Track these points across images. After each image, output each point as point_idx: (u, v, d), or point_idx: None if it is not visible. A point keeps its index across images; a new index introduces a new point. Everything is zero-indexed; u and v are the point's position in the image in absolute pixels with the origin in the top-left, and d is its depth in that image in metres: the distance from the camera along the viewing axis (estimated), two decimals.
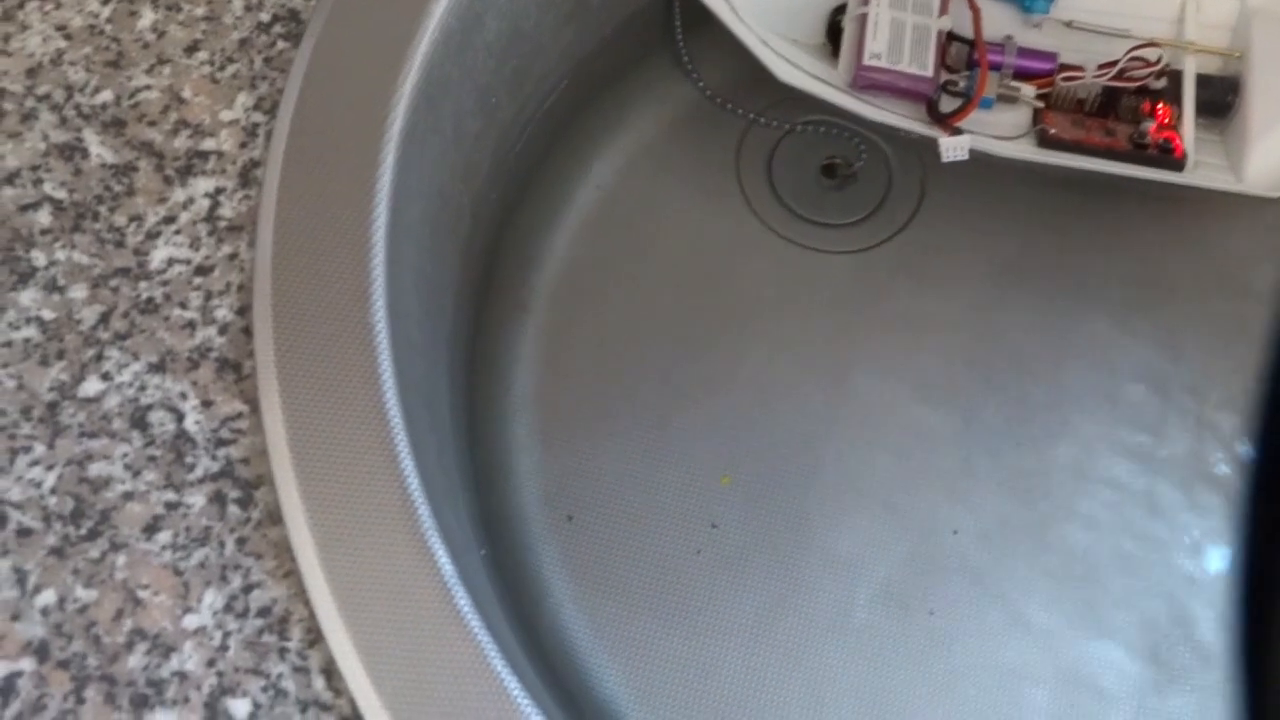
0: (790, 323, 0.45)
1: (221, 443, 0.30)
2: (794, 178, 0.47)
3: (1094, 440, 0.43)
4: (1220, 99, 0.42)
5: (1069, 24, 0.44)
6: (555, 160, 0.46)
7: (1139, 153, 0.42)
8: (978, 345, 0.44)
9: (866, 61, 0.41)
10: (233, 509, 0.29)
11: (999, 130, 0.43)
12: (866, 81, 0.41)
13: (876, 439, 0.43)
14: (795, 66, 0.43)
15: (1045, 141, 0.42)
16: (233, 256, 0.32)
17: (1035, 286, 0.45)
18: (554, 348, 0.44)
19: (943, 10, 0.42)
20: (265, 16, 0.35)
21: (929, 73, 0.41)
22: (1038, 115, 0.43)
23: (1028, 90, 0.42)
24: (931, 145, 0.42)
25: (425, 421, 0.33)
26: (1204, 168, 0.42)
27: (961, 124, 0.41)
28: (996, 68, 0.42)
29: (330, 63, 0.33)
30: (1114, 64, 0.42)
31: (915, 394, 0.44)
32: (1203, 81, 0.42)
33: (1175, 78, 0.42)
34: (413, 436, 0.30)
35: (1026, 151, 0.42)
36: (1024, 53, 0.43)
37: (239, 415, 0.30)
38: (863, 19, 0.42)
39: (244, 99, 0.34)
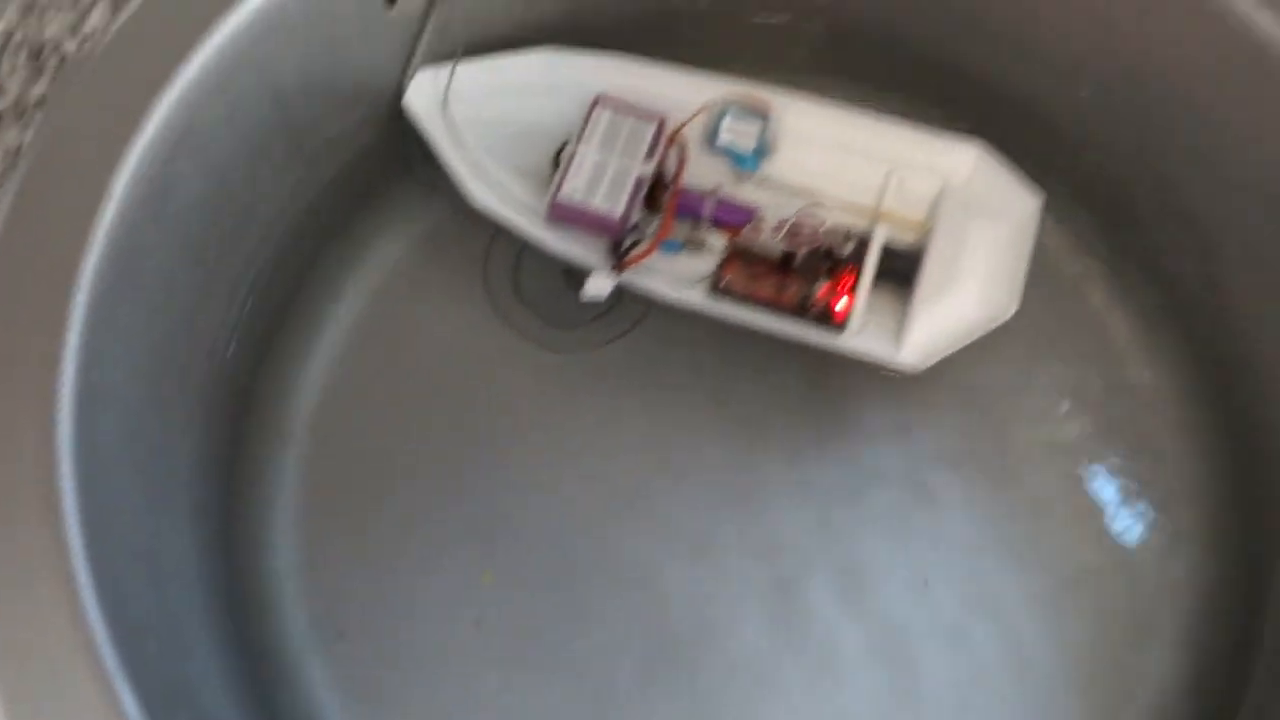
0: (543, 423, 0.47)
1: None
2: (538, 285, 0.50)
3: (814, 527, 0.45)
4: (904, 270, 0.44)
5: (766, 181, 0.46)
6: (305, 293, 0.48)
7: (801, 312, 0.43)
8: (716, 430, 0.47)
9: (559, 197, 0.44)
10: None
11: (681, 276, 0.44)
12: (558, 214, 0.44)
13: (627, 525, 0.45)
14: (497, 193, 0.45)
15: (714, 290, 0.44)
16: None
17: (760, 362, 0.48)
18: (316, 473, 0.46)
19: (652, 157, 0.45)
20: None
21: (617, 213, 0.44)
22: (722, 265, 0.44)
23: (716, 240, 0.45)
24: None
25: (138, 587, 0.35)
26: (869, 336, 0.43)
27: (646, 264, 0.44)
28: (694, 215, 0.45)
29: (15, 244, 0.36)
30: (785, 223, 0.44)
31: (662, 480, 0.46)
32: (891, 251, 0.44)
33: (865, 244, 0.44)
34: (103, 587, 0.32)
35: (695, 299, 0.44)
36: (724, 204, 0.45)
37: None
38: (572, 156, 0.45)
39: None
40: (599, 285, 0.43)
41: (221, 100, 0.41)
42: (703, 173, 0.46)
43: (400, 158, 0.49)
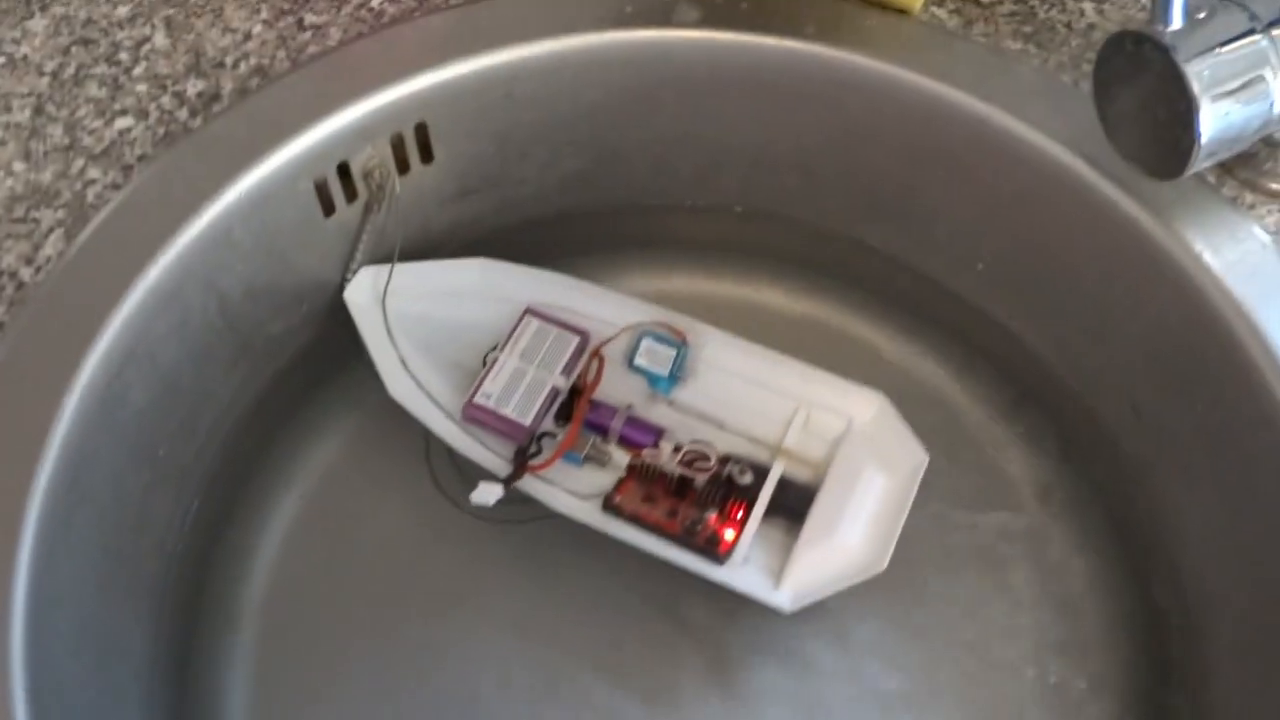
0: (490, 593, 0.49)
1: None
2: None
3: None
4: (797, 506, 0.45)
5: (677, 405, 0.48)
6: (253, 483, 0.51)
7: (687, 539, 0.44)
8: (637, 616, 0.49)
9: (476, 399, 0.47)
10: None
11: (580, 488, 0.46)
12: (471, 416, 0.48)
13: (569, 698, 0.47)
14: (412, 389, 0.48)
15: (606, 507, 0.45)
16: None
17: None
18: (266, 658, 0.48)
19: (570, 372, 0.48)
20: None
21: (526, 421, 0.47)
22: (619, 484, 0.46)
23: (619, 456, 0.47)
24: None
25: None
26: (750, 573, 0.44)
27: (548, 473, 0.46)
28: (602, 430, 0.48)
29: None
30: (684, 448, 0.46)
31: (606, 656, 0.48)
32: (787, 485, 0.46)
33: (763, 475, 0.45)
34: None
35: (586, 515, 0.46)
36: (632, 422, 0.48)
37: None
38: (494, 362, 0.48)
39: None
40: (485, 493, 0.45)
41: (170, 312, 0.44)
42: (618, 390, 0.49)
43: (340, 350, 0.52)
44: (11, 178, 0.46)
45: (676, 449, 0.46)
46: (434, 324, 0.51)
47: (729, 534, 0.44)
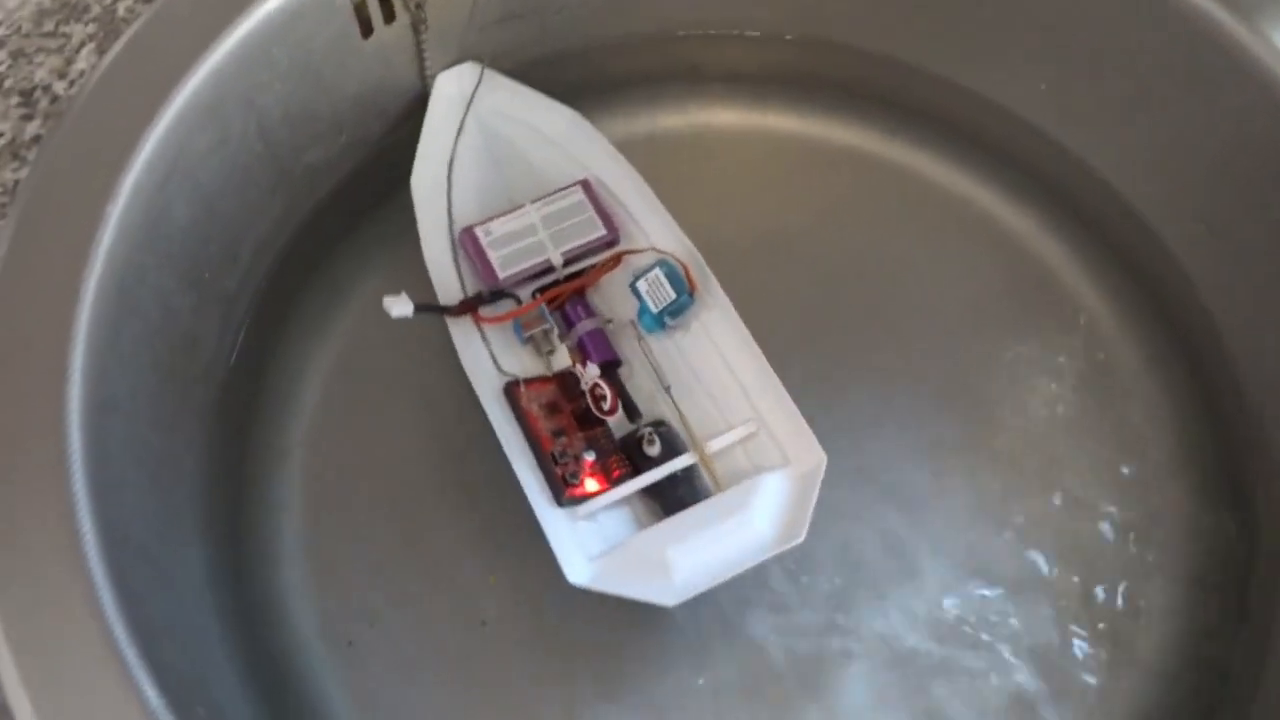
0: None
1: None
2: None
3: None
4: (675, 504, 0.42)
5: (646, 346, 0.45)
6: (299, 312, 0.50)
7: (548, 463, 0.41)
8: None
9: (475, 228, 0.46)
10: None
11: (502, 361, 0.45)
12: (463, 240, 0.46)
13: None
14: (438, 188, 0.47)
15: (507, 391, 0.43)
16: None
17: None
18: (318, 488, 0.47)
19: (576, 259, 0.46)
20: None
21: (501, 273, 0.45)
22: (535, 379, 0.44)
23: (561, 359, 0.45)
24: None
25: (153, 589, 0.36)
26: (576, 532, 0.41)
27: (484, 329, 0.45)
28: (566, 323, 0.45)
29: (19, 271, 0.37)
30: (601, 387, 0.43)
31: None
32: (684, 480, 0.42)
33: (669, 458, 0.42)
34: (121, 592, 0.33)
35: (483, 385, 0.43)
36: (597, 335, 0.45)
37: None
38: (517, 208, 0.47)
39: None
40: (397, 305, 0.43)
41: (209, 129, 0.43)
42: (608, 303, 0.47)
43: (382, 186, 0.51)
44: None
45: (592, 386, 0.43)
46: (498, 145, 0.49)
47: (591, 484, 0.42)
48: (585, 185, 0.47)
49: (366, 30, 0.48)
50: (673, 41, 0.56)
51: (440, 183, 0.47)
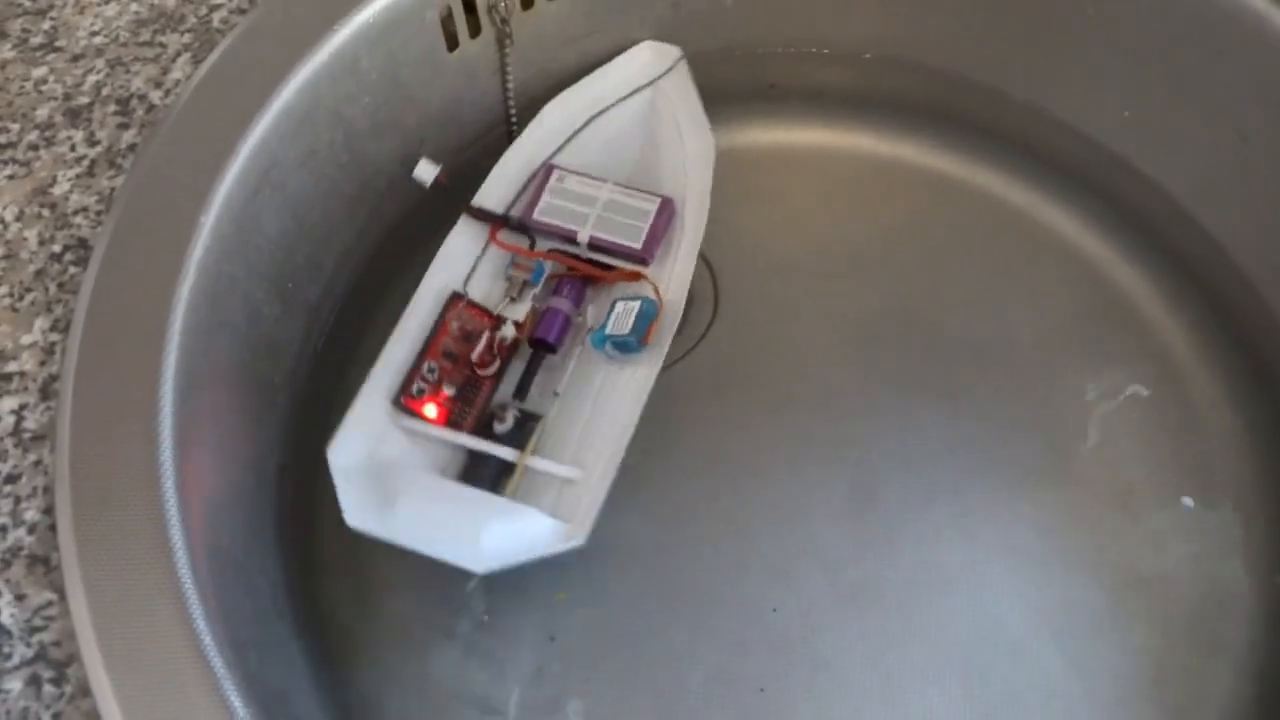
0: None
1: (34, 630, 0.33)
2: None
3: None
4: (470, 471, 0.43)
5: (581, 349, 0.45)
6: (376, 321, 0.50)
7: (403, 379, 0.42)
8: (775, 438, 0.48)
9: (556, 171, 0.47)
10: (48, 688, 0.33)
11: (477, 278, 0.45)
12: (542, 171, 0.47)
13: (691, 534, 0.46)
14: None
15: (450, 298, 0.44)
16: (38, 463, 0.36)
17: (821, 378, 0.49)
18: None
19: (599, 246, 0.46)
20: (57, 248, 0.39)
21: (533, 213, 0.46)
22: (476, 307, 0.45)
23: (519, 310, 0.45)
24: (724, 267, 0.48)
25: (239, 599, 0.37)
26: (366, 466, 0.41)
27: (480, 250, 0.46)
28: (557, 293, 0.45)
29: (114, 280, 0.38)
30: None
31: (726, 486, 0.47)
32: (490, 461, 0.43)
33: (509, 440, 0.42)
34: (209, 602, 0.34)
35: (428, 289, 0.44)
36: (558, 319, 0.45)
37: (49, 604, 0.34)
38: (598, 179, 0.48)
39: (41, 322, 0.38)
40: (425, 170, 0.46)
41: (299, 140, 0.43)
42: (599, 309, 0.46)
43: (463, 196, 0.51)
44: (136, 2, 0.45)
45: (490, 343, 0.44)
46: (639, 123, 0.50)
47: (429, 409, 0.42)
48: (665, 204, 0.47)
49: (452, 44, 0.48)
50: (752, 58, 0.56)
51: (574, 120, 0.48)
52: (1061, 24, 0.50)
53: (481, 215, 0.46)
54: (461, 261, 0.46)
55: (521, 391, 0.44)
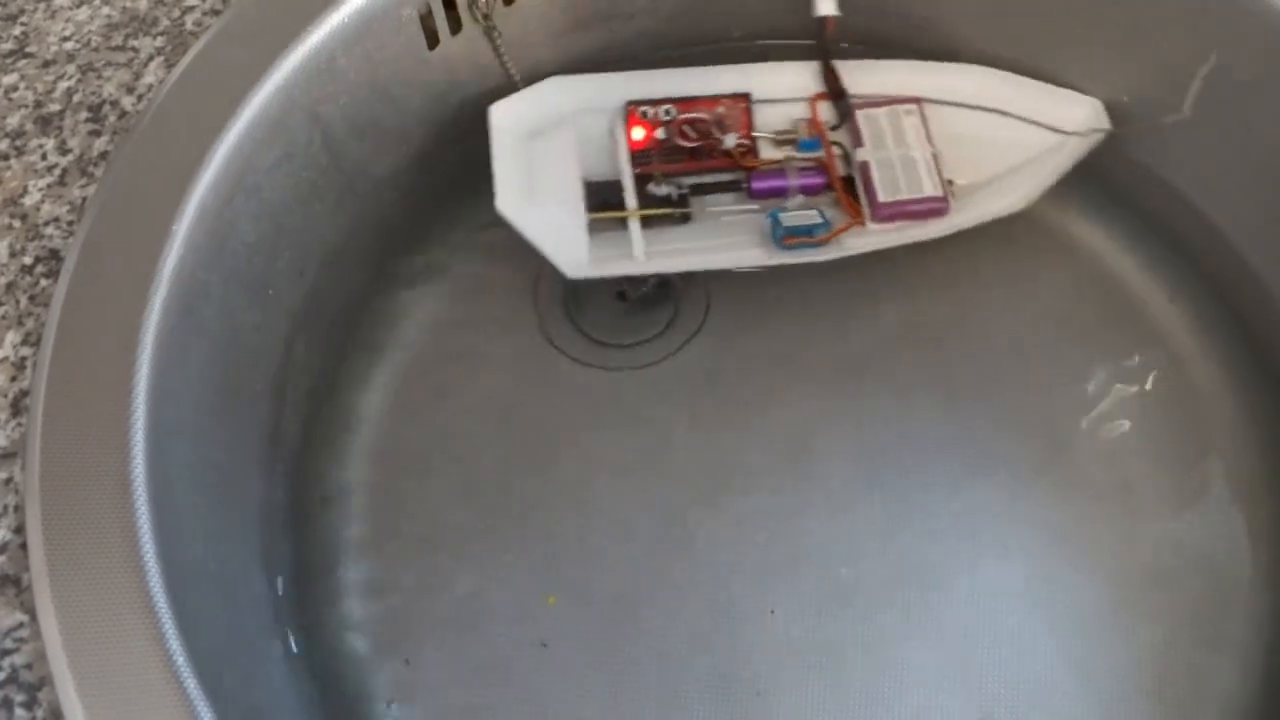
0: (600, 441, 0.48)
1: (5, 652, 0.33)
2: (589, 306, 0.51)
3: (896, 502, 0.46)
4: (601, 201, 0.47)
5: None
6: (362, 325, 0.50)
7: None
8: (771, 436, 0.47)
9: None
10: (19, 712, 0.32)
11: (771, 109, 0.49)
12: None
13: (687, 537, 0.46)
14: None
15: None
16: (8, 481, 0.35)
17: (817, 374, 0.48)
18: (378, 503, 0.47)
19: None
20: (28, 259, 0.39)
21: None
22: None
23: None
24: None
25: (215, 613, 0.36)
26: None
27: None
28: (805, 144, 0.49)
29: (85, 292, 0.37)
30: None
31: (721, 488, 0.47)
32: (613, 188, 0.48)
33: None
34: (183, 621, 0.33)
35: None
36: (805, 175, 0.48)
37: (20, 625, 0.33)
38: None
39: (12, 337, 0.37)
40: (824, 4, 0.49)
41: (275, 143, 0.42)
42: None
43: (446, 197, 0.51)
44: (108, 5, 0.44)
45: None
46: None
47: (637, 131, 0.48)
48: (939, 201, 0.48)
49: (433, 41, 0.47)
50: (736, 48, 0.55)
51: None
52: (1061, 7, 0.49)
53: (836, 90, 0.49)
54: (778, 90, 0.49)
55: (695, 190, 0.48)
